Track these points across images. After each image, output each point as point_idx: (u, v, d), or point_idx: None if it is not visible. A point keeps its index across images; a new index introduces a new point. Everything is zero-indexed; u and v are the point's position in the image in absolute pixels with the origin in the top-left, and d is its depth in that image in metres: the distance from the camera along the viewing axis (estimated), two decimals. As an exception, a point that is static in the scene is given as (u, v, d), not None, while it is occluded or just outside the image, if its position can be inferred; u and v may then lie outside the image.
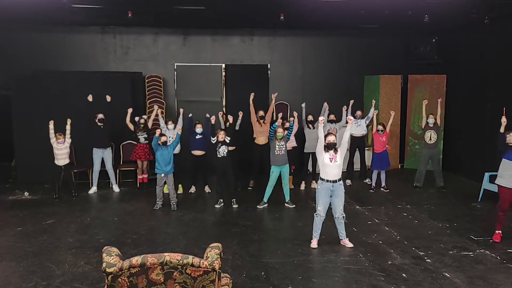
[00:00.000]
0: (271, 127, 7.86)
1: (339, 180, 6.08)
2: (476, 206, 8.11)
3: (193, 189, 9.23)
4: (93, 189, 9.13)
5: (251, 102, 9.16)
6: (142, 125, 9.33)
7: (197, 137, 8.85)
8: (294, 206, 8.09)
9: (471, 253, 5.94)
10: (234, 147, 8.62)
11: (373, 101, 10.08)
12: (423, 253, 5.93)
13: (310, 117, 9.38)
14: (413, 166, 10.92)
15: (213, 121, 8.28)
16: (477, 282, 5.05)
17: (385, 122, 9.56)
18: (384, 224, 7.13)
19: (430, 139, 9.29)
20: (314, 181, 9.37)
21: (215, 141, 7.99)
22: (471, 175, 10.03)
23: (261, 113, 9.29)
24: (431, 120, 9.31)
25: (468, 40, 10.46)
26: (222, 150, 7.95)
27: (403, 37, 11.51)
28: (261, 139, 9.10)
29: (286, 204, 8.13)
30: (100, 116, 9.02)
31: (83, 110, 9.24)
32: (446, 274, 5.27)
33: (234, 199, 8.13)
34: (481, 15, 8.95)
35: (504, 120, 6.59)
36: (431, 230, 6.84)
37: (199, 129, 8.84)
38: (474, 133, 10.13)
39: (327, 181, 6.04)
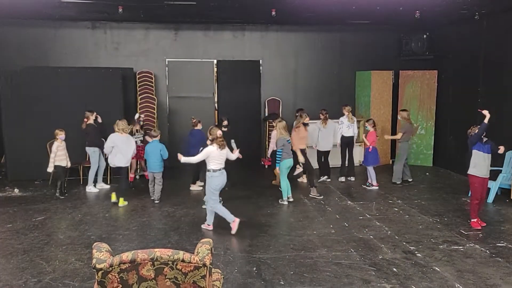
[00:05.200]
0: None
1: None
2: (466, 201, 8.16)
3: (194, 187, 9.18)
4: (91, 188, 8.97)
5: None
6: (142, 122, 9.56)
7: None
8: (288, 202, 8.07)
9: (461, 247, 5.99)
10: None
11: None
12: (413, 247, 5.97)
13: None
14: (404, 162, 11.01)
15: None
16: (466, 276, 5.10)
17: (375, 119, 9.68)
18: (375, 219, 7.16)
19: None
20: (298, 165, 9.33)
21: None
22: (462, 170, 10.08)
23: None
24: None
25: (459, 36, 10.51)
26: None
27: (394, 33, 11.55)
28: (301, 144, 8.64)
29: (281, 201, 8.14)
30: (95, 115, 8.97)
31: (73, 106, 9.18)
32: (436, 268, 5.32)
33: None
34: (471, 11, 9.00)
35: (486, 112, 6.71)
36: (422, 225, 6.89)
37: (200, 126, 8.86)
38: (465, 128, 10.13)
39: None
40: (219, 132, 6.74)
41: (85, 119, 8.95)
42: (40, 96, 9.52)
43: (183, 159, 6.64)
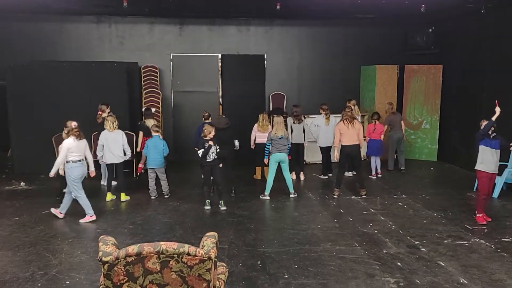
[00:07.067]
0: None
1: None
2: (471, 196, 8.15)
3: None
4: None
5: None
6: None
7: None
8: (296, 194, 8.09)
9: (466, 242, 5.98)
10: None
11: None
12: (418, 242, 5.97)
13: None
14: (409, 156, 11.00)
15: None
16: (471, 271, 5.10)
17: (380, 112, 9.80)
18: (379, 214, 7.16)
19: None
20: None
21: (202, 150, 7.32)
22: (466, 165, 10.06)
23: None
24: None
25: (465, 30, 10.44)
26: (211, 152, 7.39)
27: (400, 27, 11.49)
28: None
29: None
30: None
31: (78, 100, 9.20)
32: (441, 262, 5.32)
33: (222, 201, 7.58)
34: (478, 4, 8.93)
35: (498, 109, 6.64)
36: (426, 220, 6.88)
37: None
38: (470, 123, 10.15)
39: None
40: (73, 124, 6.74)
41: (100, 112, 8.55)
42: (46, 90, 9.57)
43: (52, 173, 6.71)
